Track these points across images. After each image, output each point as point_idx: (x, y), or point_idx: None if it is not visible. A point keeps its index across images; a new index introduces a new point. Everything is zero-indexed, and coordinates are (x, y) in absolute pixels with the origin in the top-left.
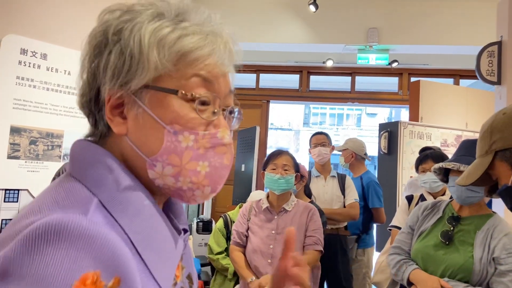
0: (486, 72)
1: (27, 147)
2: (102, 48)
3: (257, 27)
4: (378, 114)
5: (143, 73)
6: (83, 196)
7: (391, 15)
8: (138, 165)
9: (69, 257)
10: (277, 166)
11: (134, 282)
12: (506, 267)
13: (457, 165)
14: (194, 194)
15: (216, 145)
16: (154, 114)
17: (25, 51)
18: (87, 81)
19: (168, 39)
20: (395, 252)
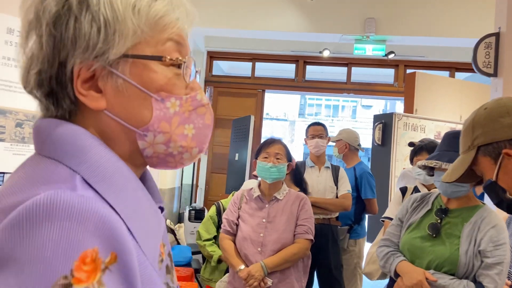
0: (483, 63)
1: (12, 129)
2: (65, 17)
3: (254, 15)
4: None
5: (121, 41)
6: (63, 173)
7: (389, 5)
8: (121, 139)
9: (65, 236)
10: (270, 154)
11: (131, 257)
12: (492, 260)
13: (439, 163)
14: (182, 158)
15: (197, 106)
16: (138, 84)
17: (11, 31)
18: (46, 56)
19: (141, 4)
20: (384, 245)
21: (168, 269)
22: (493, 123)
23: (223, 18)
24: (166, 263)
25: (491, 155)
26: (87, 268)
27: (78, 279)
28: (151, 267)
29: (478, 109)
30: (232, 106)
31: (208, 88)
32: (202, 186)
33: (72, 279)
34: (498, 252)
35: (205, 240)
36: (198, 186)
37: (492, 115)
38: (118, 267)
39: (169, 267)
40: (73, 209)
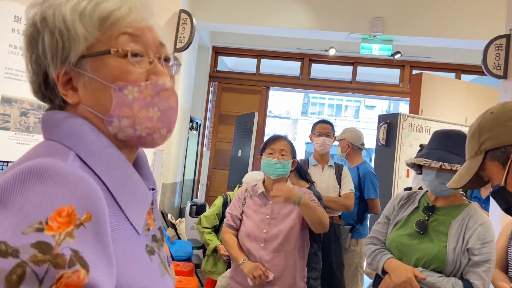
0: (493, 65)
1: (17, 118)
2: (36, 37)
3: (260, 11)
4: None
5: (76, 46)
6: (61, 150)
7: (396, 5)
8: (98, 125)
9: (48, 192)
10: (274, 150)
11: (104, 218)
12: (480, 258)
13: (428, 161)
14: (153, 138)
15: (160, 90)
16: (98, 78)
17: (18, 19)
18: (32, 70)
19: (87, 9)
20: (370, 242)
21: (155, 238)
22: (500, 127)
23: (229, 14)
24: (153, 233)
25: (499, 160)
26: (60, 220)
27: (50, 227)
28: (134, 229)
29: (484, 113)
30: (236, 102)
31: (213, 83)
32: (204, 181)
33: (46, 226)
34: (485, 249)
35: (204, 227)
36: (200, 181)
37: (500, 119)
38: (92, 225)
39: (157, 238)
40: (58, 172)
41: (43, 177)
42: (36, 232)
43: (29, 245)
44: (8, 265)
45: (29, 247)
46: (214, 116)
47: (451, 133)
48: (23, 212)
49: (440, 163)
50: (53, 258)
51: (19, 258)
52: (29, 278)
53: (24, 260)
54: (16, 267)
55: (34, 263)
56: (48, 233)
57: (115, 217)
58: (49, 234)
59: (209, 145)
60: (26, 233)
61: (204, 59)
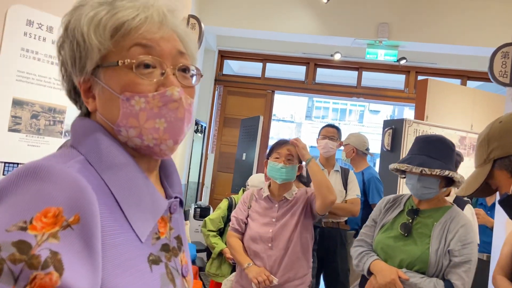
0: (499, 73)
1: (28, 120)
2: (62, 44)
3: (266, 15)
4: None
5: (91, 56)
6: (71, 154)
7: (402, 11)
8: (111, 133)
9: (37, 192)
10: (281, 155)
11: (93, 222)
12: (460, 259)
13: (410, 166)
14: (161, 149)
15: (168, 102)
16: (109, 87)
17: (31, 23)
18: (63, 76)
19: (102, 21)
20: (358, 245)
21: (166, 247)
22: (509, 136)
23: (235, 18)
24: (165, 242)
25: (508, 169)
26: (45, 221)
27: (34, 226)
28: (131, 237)
29: (492, 122)
30: (241, 105)
31: (218, 87)
32: (208, 184)
33: (29, 225)
34: (465, 251)
35: (209, 230)
36: (204, 184)
37: (508, 128)
38: (79, 227)
39: (170, 247)
40: (50, 173)
41: (35, 177)
42: (19, 231)
43: (10, 243)
44: None
45: (10, 245)
46: (219, 119)
47: (431, 139)
48: (11, 210)
49: (420, 168)
50: (29, 258)
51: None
52: (5, 275)
53: (3, 258)
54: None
55: (11, 261)
56: (31, 233)
57: (115, 222)
58: (31, 233)
59: (214, 148)
60: (9, 231)
61: (210, 63)
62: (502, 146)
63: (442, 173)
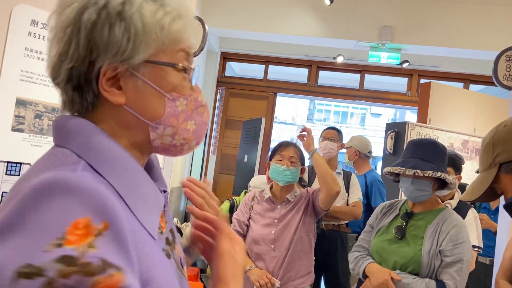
0: (503, 76)
1: (31, 120)
2: (102, 24)
3: (269, 17)
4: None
5: (145, 50)
6: (71, 159)
7: (405, 14)
8: (136, 130)
9: (61, 207)
10: (284, 157)
11: (122, 226)
12: (452, 258)
13: (402, 169)
14: (183, 148)
15: (198, 106)
16: (155, 84)
17: (35, 22)
18: (81, 55)
19: (165, 21)
20: (355, 250)
21: (168, 241)
22: None
23: (238, 20)
24: (166, 235)
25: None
26: (78, 233)
27: (69, 241)
28: (149, 234)
29: (497, 126)
30: (243, 107)
31: (220, 88)
32: (210, 186)
33: (64, 241)
34: (457, 250)
35: None
36: None
37: None
38: (110, 233)
39: (170, 240)
40: (68, 185)
41: (55, 192)
42: (57, 248)
43: (53, 262)
44: (36, 284)
45: (53, 263)
46: (221, 121)
47: (423, 142)
48: (40, 231)
49: (413, 171)
50: (81, 267)
51: (45, 276)
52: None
53: (51, 277)
54: (44, 285)
55: (62, 277)
56: (68, 247)
57: (134, 222)
58: (70, 248)
59: (215, 149)
60: (47, 251)
61: (212, 64)
62: (507, 150)
63: (434, 174)
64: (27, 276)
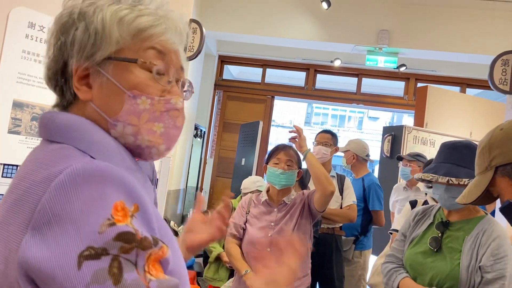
0: (499, 80)
1: (28, 123)
2: (68, 27)
3: (267, 21)
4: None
5: (106, 46)
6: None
7: (403, 19)
8: (101, 126)
9: (100, 192)
10: (281, 160)
11: (148, 206)
12: (493, 275)
13: (435, 176)
14: (151, 152)
15: (170, 109)
16: (117, 82)
17: (33, 25)
18: (53, 56)
19: (127, 18)
20: (389, 261)
21: None
22: (510, 143)
23: (235, 23)
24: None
25: (510, 176)
26: (120, 214)
27: (118, 219)
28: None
29: (493, 129)
30: (241, 111)
31: (218, 91)
32: (207, 189)
33: (114, 219)
34: (498, 266)
35: None
36: (203, 189)
37: (509, 136)
38: (140, 214)
39: None
40: (102, 173)
41: (90, 180)
42: (111, 227)
43: (112, 240)
44: (105, 263)
45: (113, 242)
46: (219, 124)
47: (458, 145)
48: (88, 215)
49: (447, 178)
50: (139, 243)
51: (110, 254)
52: (126, 266)
53: (116, 254)
54: (112, 262)
55: (125, 253)
56: (121, 224)
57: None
58: (122, 224)
59: (213, 152)
60: (102, 232)
61: (210, 68)
62: (504, 153)
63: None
64: (93, 257)
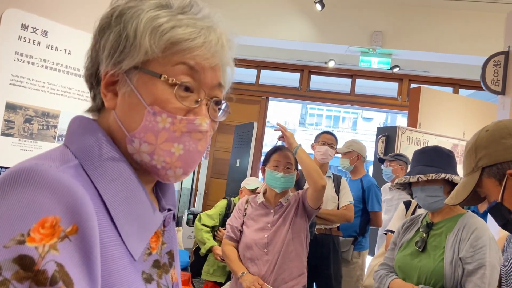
0: (491, 81)
1: (21, 125)
2: (106, 28)
3: (261, 22)
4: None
5: (134, 55)
6: (65, 157)
7: (396, 20)
8: (120, 139)
9: (32, 200)
10: (280, 163)
11: (91, 234)
12: (473, 265)
13: (407, 177)
14: (166, 174)
15: (193, 131)
16: (139, 94)
17: (25, 27)
18: (91, 57)
19: (162, 28)
20: (381, 268)
21: (157, 264)
22: (496, 145)
23: (229, 24)
24: (156, 258)
25: (496, 177)
26: (43, 232)
27: (32, 238)
28: (126, 251)
29: (479, 131)
30: (235, 112)
31: None
32: (202, 190)
33: (27, 238)
34: (478, 256)
35: (203, 224)
36: (198, 190)
37: (495, 137)
38: (77, 238)
39: (161, 263)
40: (45, 179)
41: (29, 183)
42: (18, 245)
43: (11, 261)
44: None
45: (11, 263)
46: None
47: (426, 149)
48: (5, 222)
49: (417, 176)
50: (35, 275)
51: (1, 276)
52: None
53: (7, 278)
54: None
55: (17, 280)
56: (30, 245)
57: (111, 234)
58: (31, 246)
59: (208, 154)
60: (8, 247)
61: None
62: (489, 154)
63: (437, 176)
64: None
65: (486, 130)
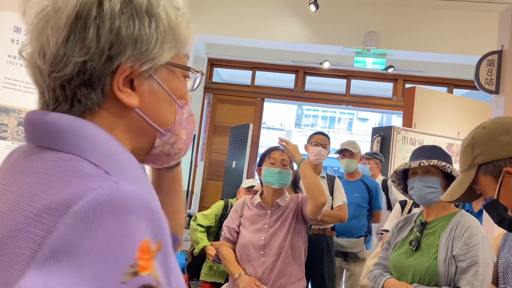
0: (485, 80)
1: (15, 128)
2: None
3: (256, 24)
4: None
5: (169, 51)
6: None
7: (390, 20)
8: (142, 135)
9: (126, 229)
10: (276, 160)
11: (168, 245)
12: (466, 263)
13: (407, 163)
14: (174, 158)
15: (190, 115)
16: (167, 89)
17: (18, 29)
18: (99, 48)
19: (183, 23)
20: (375, 268)
21: None
22: (492, 142)
23: (225, 26)
24: None
25: (492, 174)
26: (145, 257)
27: (142, 266)
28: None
29: (476, 128)
30: (231, 113)
31: (208, 94)
32: (198, 192)
33: (138, 267)
34: (471, 253)
35: (199, 224)
36: (194, 192)
37: (492, 134)
38: (161, 255)
39: None
40: (131, 204)
41: (116, 211)
42: (134, 277)
43: None
44: None
45: None
46: (209, 127)
47: (426, 147)
48: (110, 258)
49: (418, 161)
50: None
51: None
52: None
53: None
54: None
55: None
56: (144, 274)
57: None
58: (145, 274)
59: (203, 155)
60: (125, 282)
61: None
62: (486, 151)
63: (439, 163)
64: None
65: (483, 127)
